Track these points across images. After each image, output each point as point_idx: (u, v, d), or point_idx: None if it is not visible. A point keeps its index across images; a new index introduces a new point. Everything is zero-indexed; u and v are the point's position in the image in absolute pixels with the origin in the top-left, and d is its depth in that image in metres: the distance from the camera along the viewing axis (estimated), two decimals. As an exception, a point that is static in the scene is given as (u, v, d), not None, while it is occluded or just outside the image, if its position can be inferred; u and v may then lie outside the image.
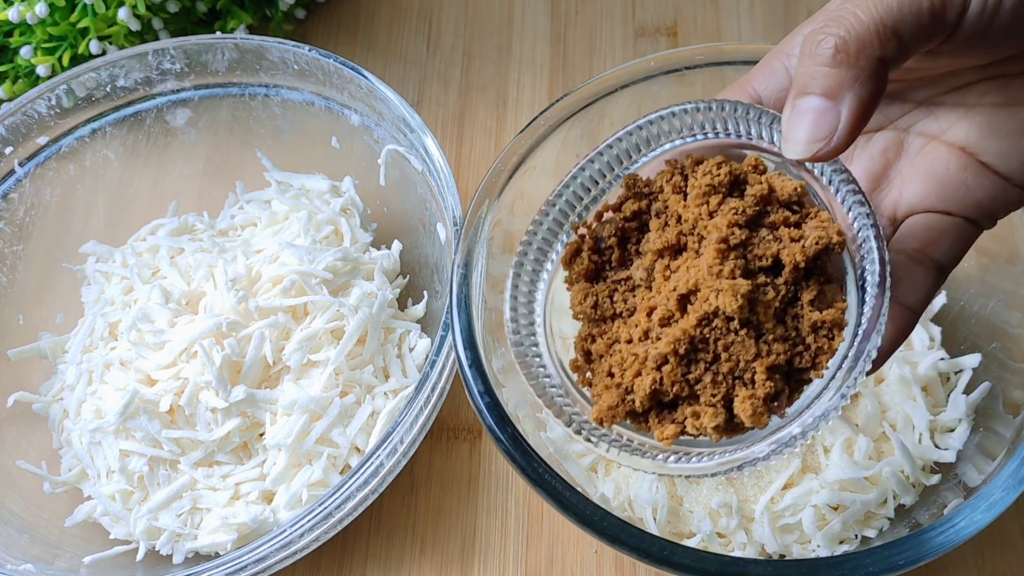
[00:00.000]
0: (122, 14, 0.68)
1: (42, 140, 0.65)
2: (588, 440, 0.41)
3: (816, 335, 0.38)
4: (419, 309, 0.62)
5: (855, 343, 0.38)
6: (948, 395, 0.56)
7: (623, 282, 0.43)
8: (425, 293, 0.62)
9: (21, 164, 0.65)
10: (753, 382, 0.38)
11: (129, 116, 0.67)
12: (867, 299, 0.38)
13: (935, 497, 0.53)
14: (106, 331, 0.61)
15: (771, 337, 0.38)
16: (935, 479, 0.53)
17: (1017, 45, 0.38)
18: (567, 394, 0.43)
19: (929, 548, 0.45)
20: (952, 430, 0.55)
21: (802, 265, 0.38)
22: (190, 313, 0.60)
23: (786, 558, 0.53)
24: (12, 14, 0.67)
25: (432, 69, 0.76)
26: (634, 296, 0.42)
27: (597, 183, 0.45)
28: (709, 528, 0.53)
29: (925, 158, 0.41)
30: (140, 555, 0.56)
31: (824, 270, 0.39)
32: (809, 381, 0.39)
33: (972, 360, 0.56)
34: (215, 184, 0.69)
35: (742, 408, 0.38)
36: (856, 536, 0.53)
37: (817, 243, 0.38)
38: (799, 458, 0.54)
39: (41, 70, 0.69)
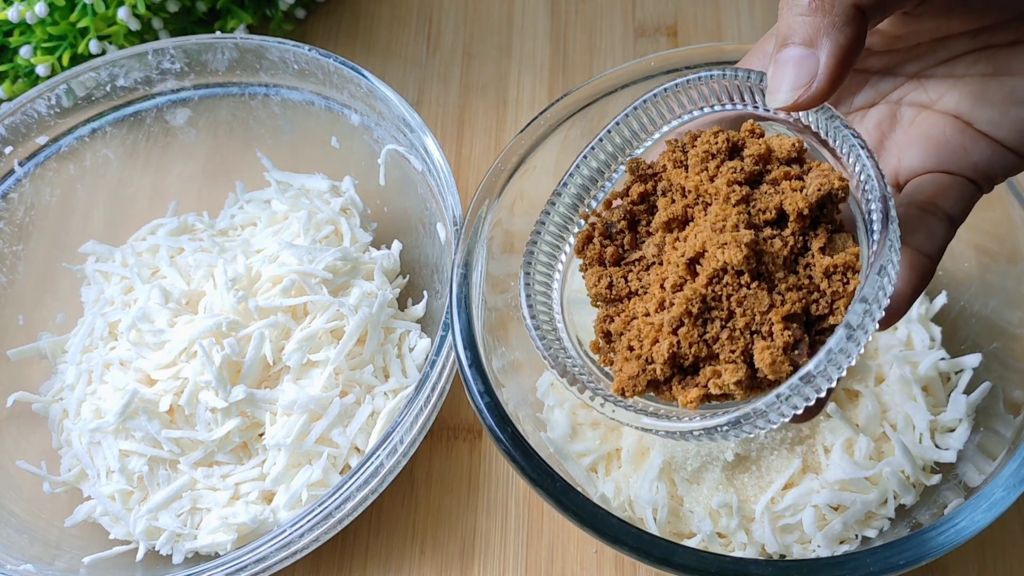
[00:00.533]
0: (122, 14, 0.68)
1: (42, 140, 0.65)
2: (614, 411, 0.41)
3: (830, 280, 0.38)
4: (419, 309, 0.62)
5: (866, 278, 0.37)
6: (948, 395, 0.56)
7: (636, 262, 0.43)
8: (425, 293, 0.62)
9: (21, 164, 0.65)
10: (771, 334, 0.38)
11: (129, 116, 0.67)
12: (874, 237, 0.37)
13: (936, 497, 0.53)
14: (106, 331, 0.61)
15: (784, 287, 0.38)
16: (936, 479, 0.53)
17: (997, 13, 0.39)
18: (590, 375, 0.43)
19: (930, 548, 0.45)
20: (953, 430, 0.55)
21: (806, 212, 0.38)
22: (190, 313, 0.60)
23: (786, 558, 0.53)
24: (12, 14, 0.67)
25: (432, 69, 0.76)
26: (648, 274, 0.42)
27: (603, 172, 0.45)
28: (709, 528, 0.53)
29: (920, 125, 0.42)
30: (140, 555, 0.56)
31: (832, 219, 0.39)
32: (830, 328, 0.38)
33: (972, 360, 0.56)
34: (215, 184, 0.69)
35: (761, 359, 0.37)
36: (856, 536, 0.53)
37: (819, 189, 0.38)
38: (799, 458, 0.54)
39: (41, 70, 0.69)
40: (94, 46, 0.69)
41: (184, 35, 0.71)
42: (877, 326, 0.36)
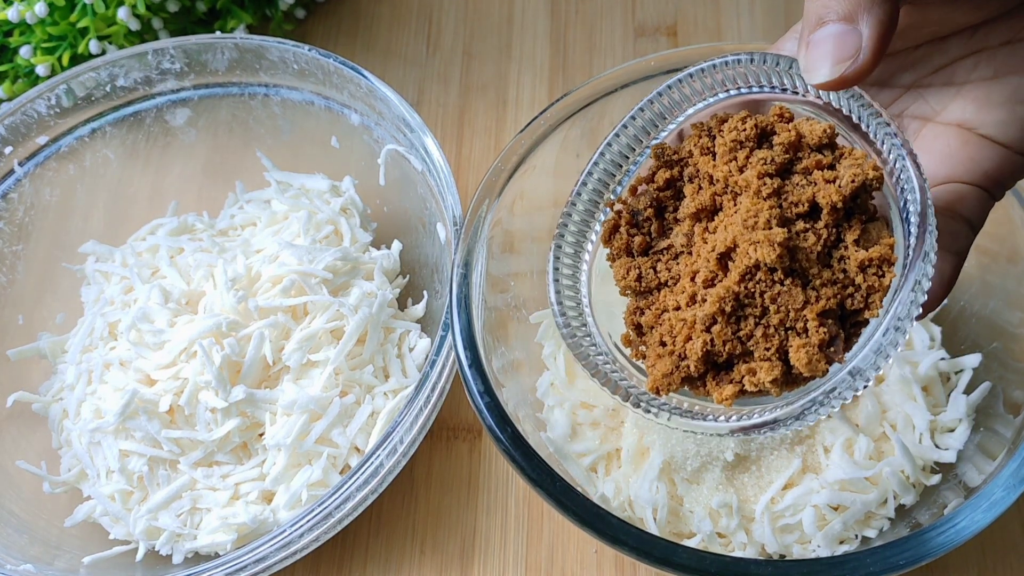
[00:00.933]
0: (122, 14, 0.68)
1: (42, 140, 0.65)
2: (648, 411, 0.41)
3: (865, 274, 0.38)
4: (419, 309, 0.62)
5: (905, 273, 0.37)
6: (948, 395, 0.56)
7: (665, 251, 0.42)
8: (425, 293, 0.62)
9: (21, 164, 0.65)
10: (806, 331, 0.37)
11: (129, 116, 0.67)
12: (911, 228, 0.37)
13: (935, 497, 0.53)
14: (106, 331, 0.61)
15: (818, 282, 0.38)
16: (935, 479, 0.53)
17: (999, 2, 0.39)
18: (622, 370, 0.43)
19: (930, 548, 0.45)
20: (952, 430, 0.55)
21: (839, 205, 0.38)
22: (190, 313, 0.60)
23: (786, 558, 0.53)
24: (12, 14, 0.67)
25: (432, 69, 0.76)
26: (677, 264, 0.41)
27: (627, 157, 0.44)
28: (709, 528, 0.53)
29: (924, 139, 0.42)
30: (140, 555, 0.56)
31: (866, 209, 0.39)
32: (866, 323, 0.38)
33: (972, 360, 0.56)
34: (215, 184, 0.69)
35: (797, 358, 0.37)
36: (856, 536, 0.53)
37: (853, 180, 0.38)
38: (799, 458, 0.54)
39: (41, 70, 0.69)
40: (94, 46, 0.69)
41: (184, 35, 0.71)
42: (916, 320, 0.36)
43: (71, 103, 0.65)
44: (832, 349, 0.38)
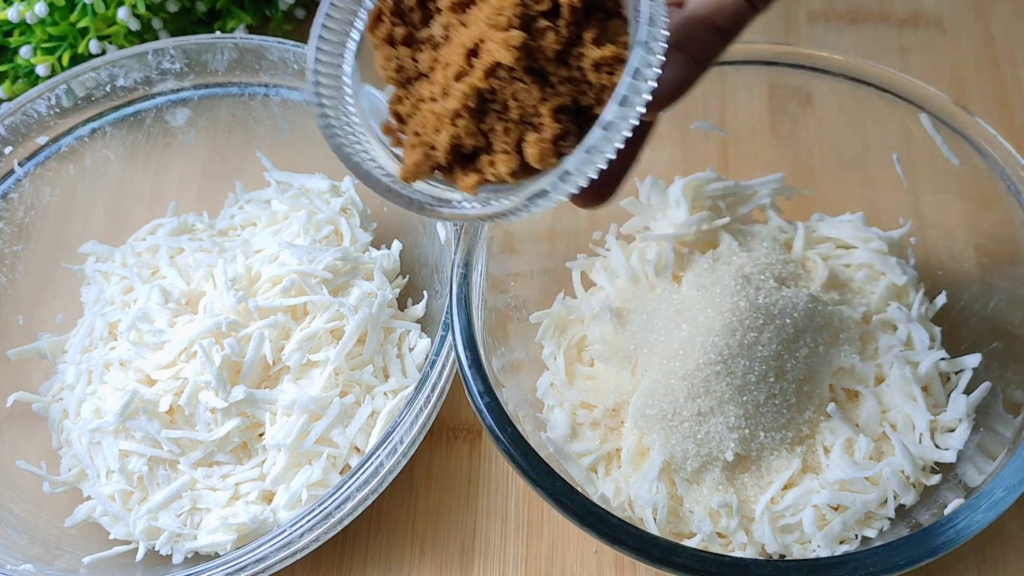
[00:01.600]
0: (122, 14, 0.68)
1: (42, 140, 0.65)
2: (399, 198, 0.42)
3: (599, 73, 0.39)
4: (419, 309, 0.62)
5: (625, 77, 0.38)
6: (948, 395, 0.56)
7: (426, 42, 0.43)
8: (425, 293, 0.62)
9: (21, 164, 0.65)
10: (542, 126, 0.39)
11: (129, 116, 0.67)
12: (639, 20, 0.38)
13: (935, 497, 0.53)
14: (106, 331, 0.61)
15: (556, 80, 0.39)
16: (935, 479, 0.53)
17: None
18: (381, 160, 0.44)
19: (930, 548, 0.45)
20: (952, 430, 0.55)
21: (578, 5, 0.39)
22: (190, 313, 0.60)
23: (786, 558, 0.53)
24: (12, 14, 0.67)
25: (432, 69, 0.76)
26: (436, 55, 0.42)
27: None
28: (709, 528, 0.53)
29: None
30: (140, 555, 0.56)
31: (606, 7, 0.40)
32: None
33: (972, 360, 0.56)
34: (215, 184, 0.69)
35: (531, 152, 0.39)
36: (856, 536, 0.53)
37: None
38: (799, 458, 0.54)
39: (41, 70, 0.69)
40: (94, 46, 0.69)
41: (184, 35, 0.71)
42: (636, 120, 0.37)
43: (71, 103, 0.65)
44: (566, 143, 0.39)
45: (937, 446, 0.54)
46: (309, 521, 0.51)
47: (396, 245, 0.64)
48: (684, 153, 0.65)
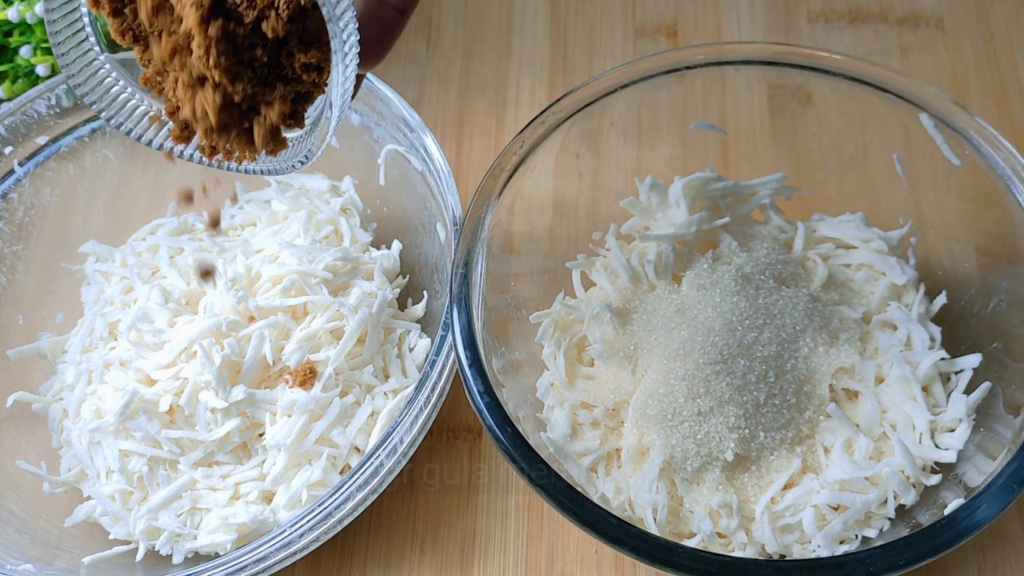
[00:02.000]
0: (122, 14, 0.68)
1: (42, 140, 0.65)
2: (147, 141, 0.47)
3: (309, 73, 0.42)
4: (419, 309, 0.62)
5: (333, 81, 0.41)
6: (948, 395, 0.56)
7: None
8: (425, 293, 0.62)
9: (21, 164, 0.65)
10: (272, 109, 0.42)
11: (129, 116, 0.67)
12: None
13: (935, 497, 0.53)
14: (106, 331, 0.61)
15: (273, 77, 0.42)
16: (935, 479, 0.53)
17: None
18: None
19: (930, 548, 0.45)
20: (952, 430, 0.55)
21: (281, 36, 0.40)
22: (190, 313, 0.60)
23: (786, 558, 0.53)
24: (12, 14, 0.67)
25: (432, 69, 0.76)
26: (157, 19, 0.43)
27: None
28: (709, 528, 0.53)
29: None
30: (140, 555, 0.56)
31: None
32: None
33: (972, 360, 0.56)
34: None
35: (260, 140, 0.43)
36: (856, 536, 0.53)
37: (288, 5, 0.40)
38: (799, 458, 0.54)
39: (41, 70, 0.69)
40: (94, 46, 0.69)
41: (184, 35, 0.71)
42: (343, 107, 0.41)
43: (71, 103, 0.65)
44: (293, 121, 0.43)
45: (937, 446, 0.54)
46: (309, 521, 0.51)
47: (396, 245, 0.64)
48: (684, 153, 0.65)
